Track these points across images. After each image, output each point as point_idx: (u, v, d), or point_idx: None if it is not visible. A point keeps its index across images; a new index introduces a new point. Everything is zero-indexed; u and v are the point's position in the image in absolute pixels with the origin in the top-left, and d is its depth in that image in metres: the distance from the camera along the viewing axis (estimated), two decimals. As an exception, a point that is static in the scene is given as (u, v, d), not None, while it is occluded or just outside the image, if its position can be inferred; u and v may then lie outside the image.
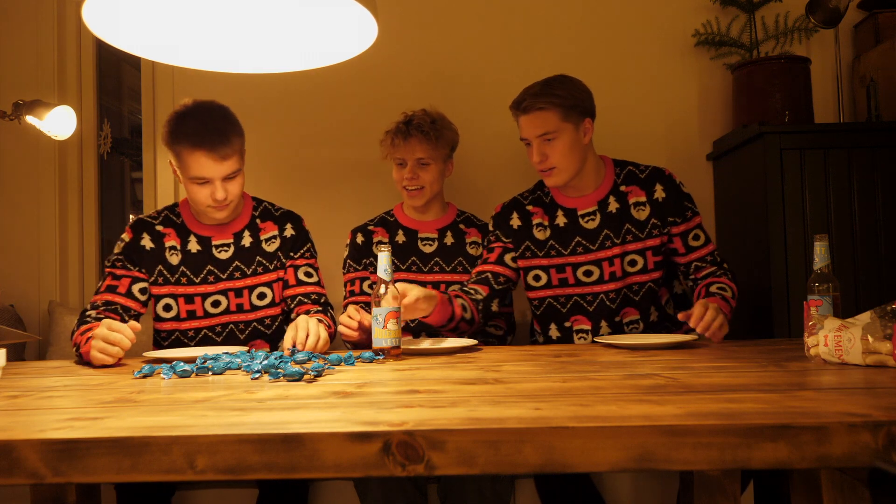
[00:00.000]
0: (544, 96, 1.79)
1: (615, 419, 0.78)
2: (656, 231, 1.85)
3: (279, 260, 1.87)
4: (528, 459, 0.74)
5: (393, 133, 2.02)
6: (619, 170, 1.90)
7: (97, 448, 0.76)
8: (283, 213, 1.92)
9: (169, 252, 1.81)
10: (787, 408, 0.83)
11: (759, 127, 2.13)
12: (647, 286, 1.87)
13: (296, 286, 1.86)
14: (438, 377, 1.20)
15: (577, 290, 1.89)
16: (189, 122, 1.69)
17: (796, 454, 0.74)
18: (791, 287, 2.09)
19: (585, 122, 1.82)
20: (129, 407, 0.97)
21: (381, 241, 2.07)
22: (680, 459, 0.74)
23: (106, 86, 2.87)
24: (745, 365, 1.25)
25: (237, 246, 1.84)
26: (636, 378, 1.11)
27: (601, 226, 1.87)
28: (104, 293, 1.77)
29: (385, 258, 1.51)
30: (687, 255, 1.87)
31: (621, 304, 1.87)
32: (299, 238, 1.89)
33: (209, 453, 0.75)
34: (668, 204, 1.85)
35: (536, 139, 1.81)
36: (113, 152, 2.85)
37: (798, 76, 2.26)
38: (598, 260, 1.87)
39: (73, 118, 2.37)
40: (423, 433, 0.75)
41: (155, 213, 1.87)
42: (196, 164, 1.68)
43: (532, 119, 1.80)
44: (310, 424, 0.80)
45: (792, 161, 2.12)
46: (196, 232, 1.83)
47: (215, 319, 1.84)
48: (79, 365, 1.59)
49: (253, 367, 1.29)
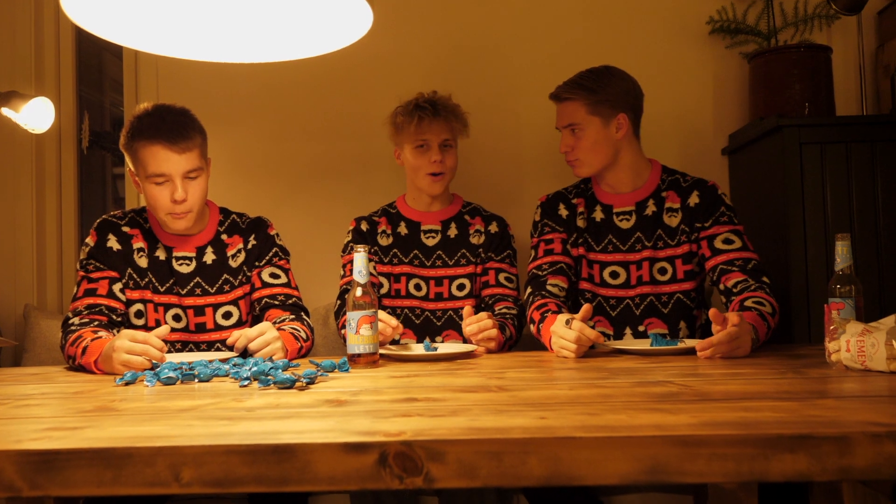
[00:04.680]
0: (572, 87, 1.86)
1: (625, 429, 0.78)
2: (685, 237, 1.85)
3: (244, 274, 1.85)
4: (532, 471, 0.74)
5: (414, 112, 1.99)
6: (666, 176, 1.91)
7: (77, 460, 0.76)
8: (249, 224, 1.90)
9: (137, 254, 1.80)
10: (807, 417, 0.83)
11: (778, 120, 2.13)
12: (676, 298, 1.85)
13: (261, 288, 1.84)
14: (438, 384, 1.20)
15: (602, 291, 1.90)
16: (146, 119, 1.71)
17: (817, 466, 0.74)
18: (811, 289, 2.09)
19: (619, 117, 1.84)
20: (111, 416, 0.97)
21: (356, 240, 2.08)
22: (694, 471, 0.74)
23: (86, 76, 2.87)
24: (763, 371, 1.25)
25: (199, 262, 1.82)
26: (647, 385, 1.11)
27: (635, 227, 1.88)
28: (84, 297, 1.75)
29: (360, 259, 1.52)
30: (713, 257, 1.79)
31: (646, 313, 1.86)
32: (263, 245, 1.87)
33: (195, 465, 0.75)
34: (700, 209, 1.83)
35: (564, 129, 1.88)
36: (93, 146, 2.85)
37: (818, 66, 2.26)
38: (626, 262, 1.88)
39: (51, 110, 2.37)
40: (422, 444, 0.75)
41: (120, 214, 1.85)
42: (153, 157, 1.68)
43: (561, 108, 1.89)
44: (302, 434, 0.80)
45: (812, 156, 2.12)
46: (161, 240, 1.82)
47: (175, 335, 1.82)
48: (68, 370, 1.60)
49: (241, 374, 1.29)
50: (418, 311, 2.06)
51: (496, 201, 2.34)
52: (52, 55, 2.71)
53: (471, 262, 2.06)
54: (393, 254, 2.07)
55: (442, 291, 2.05)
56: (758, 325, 1.54)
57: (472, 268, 2.06)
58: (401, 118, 2.02)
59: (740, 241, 1.79)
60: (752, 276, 1.72)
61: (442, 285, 2.05)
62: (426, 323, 2.05)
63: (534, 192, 2.48)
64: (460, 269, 2.06)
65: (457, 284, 2.05)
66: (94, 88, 2.98)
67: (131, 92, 2.65)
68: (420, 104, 2.01)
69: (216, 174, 1.86)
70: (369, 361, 1.50)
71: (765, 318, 1.58)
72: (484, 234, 2.07)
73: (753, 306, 1.62)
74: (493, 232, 2.07)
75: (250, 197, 2.53)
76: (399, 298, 2.07)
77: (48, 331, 2.44)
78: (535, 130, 2.56)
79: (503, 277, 2.04)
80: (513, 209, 2.37)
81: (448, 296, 2.05)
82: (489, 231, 2.07)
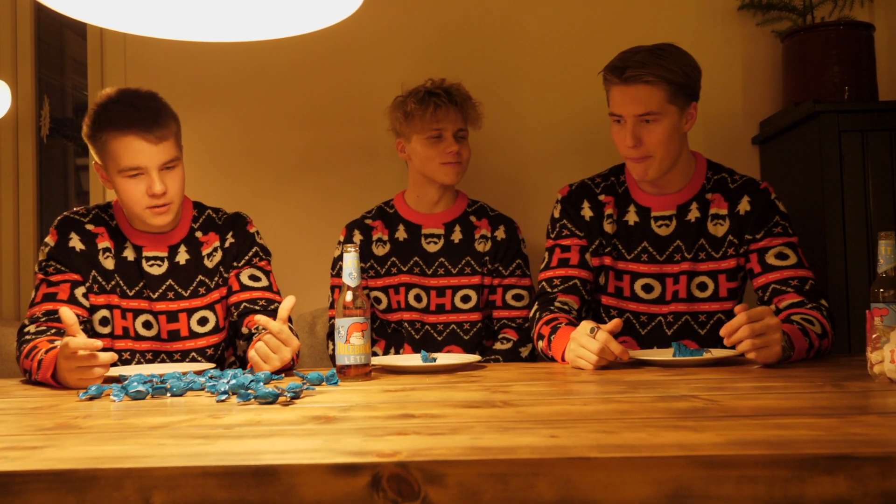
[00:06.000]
0: (655, 67, 1.71)
1: (645, 448, 0.79)
2: (732, 251, 1.79)
3: (221, 275, 1.85)
4: (542, 496, 0.74)
5: (427, 100, 2.00)
6: (712, 174, 1.85)
7: (36, 483, 0.76)
8: (226, 220, 1.89)
9: (103, 255, 1.80)
10: (847, 435, 0.83)
11: (814, 105, 2.14)
12: (717, 318, 1.81)
13: (239, 291, 1.83)
14: (437, 399, 1.20)
15: (631, 306, 1.86)
16: (114, 107, 1.70)
17: (858, 489, 0.74)
18: (851, 294, 2.09)
19: (692, 106, 1.78)
20: (74, 434, 0.97)
21: (346, 240, 2.08)
22: (721, 496, 0.74)
23: (46, 57, 2.87)
24: (798, 385, 1.25)
25: (171, 262, 1.82)
26: (670, 400, 1.11)
27: (674, 235, 1.82)
28: (42, 303, 1.75)
29: (351, 260, 1.52)
30: (764, 274, 1.73)
31: (680, 333, 1.82)
32: (242, 244, 1.87)
33: (167, 488, 0.75)
34: (751, 219, 1.78)
35: (633, 118, 1.73)
36: (54, 134, 2.85)
37: (859, 45, 2.26)
38: (661, 274, 1.83)
39: (6, 94, 2.37)
40: (419, 465, 0.75)
41: (84, 210, 1.85)
42: (126, 150, 1.68)
43: (634, 93, 1.72)
44: (285, 455, 0.80)
45: (852, 145, 2.12)
46: (130, 238, 1.82)
47: (145, 344, 1.82)
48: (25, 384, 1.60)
49: (219, 388, 1.29)
50: (418, 325, 2.06)
51: (500, 198, 2.34)
52: (7, 34, 2.71)
53: (476, 271, 2.05)
54: (391, 263, 2.07)
55: (444, 303, 2.05)
56: (794, 337, 1.50)
57: (478, 278, 2.05)
58: (413, 105, 2.01)
59: (795, 257, 1.73)
60: (810, 298, 1.67)
61: (444, 296, 2.05)
62: (426, 337, 2.05)
63: (538, 186, 2.49)
64: (465, 278, 2.05)
65: (461, 296, 2.05)
66: (55, 71, 2.98)
67: (96, 75, 2.65)
68: (433, 91, 2.02)
69: (189, 165, 1.86)
70: (361, 373, 1.50)
71: (807, 335, 1.54)
72: (490, 241, 2.07)
73: (799, 321, 1.58)
74: (500, 239, 2.07)
75: (227, 190, 2.52)
76: (397, 312, 2.07)
77: (3, 339, 2.43)
78: (540, 119, 2.56)
79: (511, 296, 2.05)
80: (518, 206, 2.38)
81: (451, 308, 2.05)
82: (496, 238, 2.07)
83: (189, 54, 2.50)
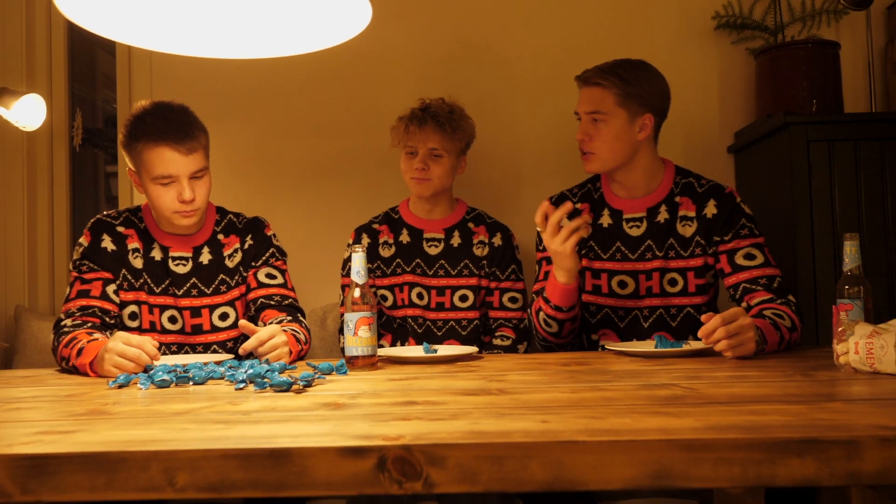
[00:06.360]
0: (607, 73, 1.79)
1: (629, 433, 0.79)
2: (699, 250, 1.79)
3: (240, 275, 1.85)
4: (534, 476, 0.74)
5: (407, 119, 2.03)
6: (680, 178, 1.86)
7: (69, 464, 0.76)
8: (245, 224, 1.89)
9: (132, 255, 1.80)
10: (815, 420, 0.83)
11: (785, 117, 2.14)
12: (686, 311, 1.82)
13: (257, 288, 1.84)
14: (438, 387, 1.20)
15: (610, 302, 1.86)
16: (149, 119, 1.71)
17: (825, 470, 0.74)
18: (819, 290, 2.09)
19: (645, 116, 1.79)
20: (104, 420, 0.97)
21: (354, 242, 2.08)
22: (699, 476, 0.74)
23: (78, 73, 2.87)
24: (770, 374, 1.25)
25: (195, 262, 1.82)
26: (652, 388, 1.11)
27: (645, 235, 1.83)
28: (76, 299, 1.75)
29: (359, 260, 1.52)
30: (734, 273, 1.74)
31: (655, 326, 1.83)
32: (260, 246, 1.87)
33: (190, 469, 0.75)
34: (718, 221, 1.78)
35: (585, 115, 1.82)
36: (86, 144, 2.85)
37: (826, 62, 2.26)
38: (635, 271, 1.83)
39: (42, 107, 2.37)
40: (422, 448, 0.75)
41: (115, 213, 1.85)
42: (160, 159, 1.68)
43: (589, 93, 1.81)
44: (298, 438, 0.80)
45: (820, 154, 2.12)
46: (158, 240, 1.82)
47: (171, 337, 1.82)
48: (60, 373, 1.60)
49: (237, 377, 1.29)
50: (420, 321, 2.06)
51: (496, 205, 2.33)
52: (43, 51, 2.71)
53: (474, 273, 2.06)
54: (396, 264, 2.08)
55: (444, 301, 2.06)
56: (767, 332, 1.50)
57: (475, 280, 2.06)
58: (396, 123, 2.06)
59: (762, 257, 1.74)
60: (778, 294, 1.69)
61: (444, 295, 2.05)
62: (427, 332, 2.05)
63: (532, 194, 2.48)
64: (463, 279, 2.06)
65: (459, 295, 2.06)
66: (87, 85, 2.98)
67: (124, 89, 2.65)
68: (415, 111, 2.03)
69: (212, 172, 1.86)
70: (367, 364, 1.50)
71: (778, 329, 1.54)
72: (488, 246, 2.07)
73: (770, 316, 1.58)
74: (497, 246, 2.08)
75: (246, 196, 2.52)
76: (402, 308, 2.08)
77: (39, 332, 2.44)
78: (533, 131, 2.56)
79: (507, 299, 2.06)
80: (513, 213, 2.38)
81: (450, 306, 2.05)
82: (493, 244, 2.08)
83: (210, 70, 2.50)
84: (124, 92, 2.65)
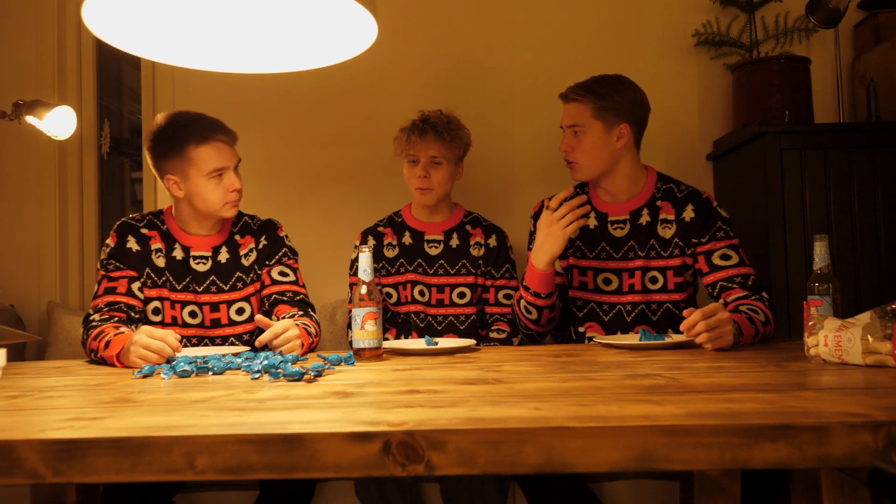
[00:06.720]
0: (581, 90, 1.81)
1: (615, 419, 0.78)
2: (678, 251, 1.80)
3: (255, 272, 1.85)
4: (528, 459, 0.74)
5: (408, 130, 2.03)
6: (661, 184, 1.86)
7: (97, 448, 0.76)
8: (260, 225, 1.90)
9: (155, 254, 1.80)
10: (788, 408, 0.83)
11: (759, 127, 2.14)
12: (666, 307, 1.82)
13: (270, 285, 1.84)
14: (438, 377, 1.20)
15: (595, 297, 1.86)
16: (187, 124, 1.72)
17: (796, 454, 0.74)
18: (791, 287, 2.09)
19: (621, 126, 1.79)
20: (129, 407, 0.97)
21: (361, 243, 2.08)
22: (680, 459, 0.74)
23: (106, 86, 2.87)
24: (746, 365, 1.24)
25: (214, 260, 1.82)
26: (636, 378, 1.11)
27: (628, 236, 1.83)
28: (104, 295, 1.75)
29: (365, 258, 1.52)
30: (711, 273, 1.74)
31: (637, 320, 1.83)
32: (273, 246, 1.87)
33: (209, 453, 0.75)
34: (695, 224, 1.78)
35: (567, 128, 1.84)
36: (113, 152, 2.85)
37: (798, 76, 2.26)
38: (618, 269, 1.84)
39: (73, 118, 2.37)
40: (424, 433, 0.75)
41: (139, 217, 1.85)
42: (215, 152, 1.72)
43: (567, 108, 1.84)
44: (310, 424, 0.80)
45: (792, 161, 2.12)
46: (179, 240, 1.82)
47: (191, 330, 1.82)
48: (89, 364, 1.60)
49: (253, 368, 1.29)
50: (422, 316, 2.06)
51: (492, 209, 2.34)
52: (74, 66, 2.71)
53: (471, 272, 2.06)
54: (399, 263, 2.08)
55: (443, 298, 2.06)
56: (743, 325, 1.51)
57: (472, 278, 2.06)
58: (398, 133, 2.06)
59: (738, 257, 1.74)
60: (753, 291, 1.70)
61: (443, 292, 2.06)
62: (428, 327, 2.06)
63: (525, 199, 2.49)
64: (461, 278, 2.06)
65: (457, 292, 2.06)
66: (114, 97, 2.98)
67: (149, 100, 2.65)
68: (416, 122, 2.03)
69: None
70: (373, 355, 1.50)
71: (753, 323, 1.55)
72: (484, 247, 2.08)
73: (746, 311, 1.59)
74: (492, 246, 2.08)
75: (261, 200, 2.52)
76: (405, 305, 2.08)
77: (70, 326, 2.44)
78: (526, 140, 2.56)
79: (502, 295, 2.06)
80: (508, 216, 2.38)
81: (449, 302, 2.06)
82: (489, 245, 2.08)
83: (228, 84, 2.50)
84: (148, 104, 2.65)
